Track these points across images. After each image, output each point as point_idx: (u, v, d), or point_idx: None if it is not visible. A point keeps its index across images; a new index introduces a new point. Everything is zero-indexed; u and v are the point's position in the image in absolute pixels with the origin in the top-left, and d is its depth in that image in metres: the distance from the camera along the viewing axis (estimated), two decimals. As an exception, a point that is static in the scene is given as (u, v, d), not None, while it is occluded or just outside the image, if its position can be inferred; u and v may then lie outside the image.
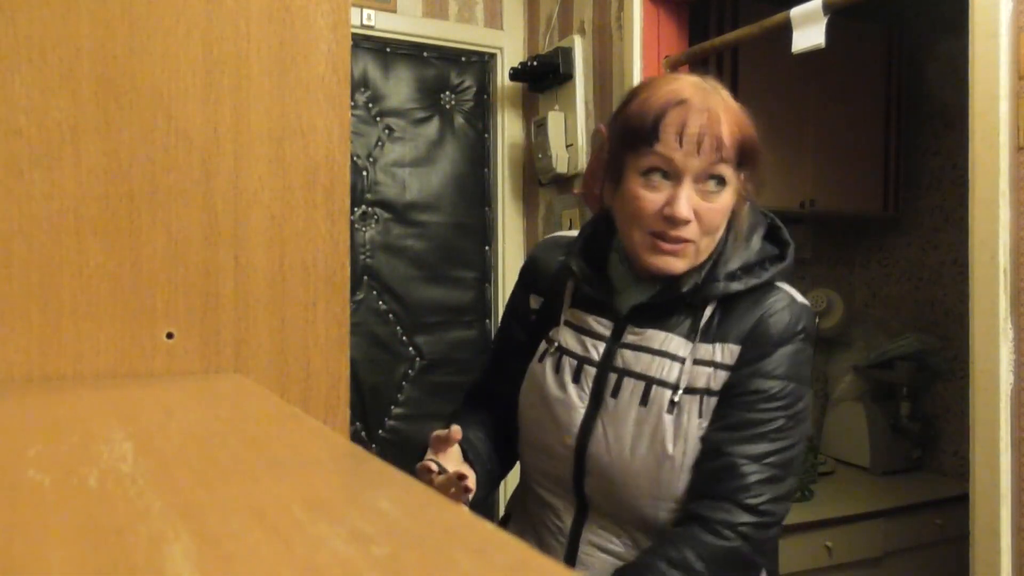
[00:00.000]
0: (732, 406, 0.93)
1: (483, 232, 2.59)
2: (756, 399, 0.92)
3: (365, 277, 2.42)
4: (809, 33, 1.59)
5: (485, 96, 2.60)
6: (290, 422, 0.46)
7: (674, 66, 2.07)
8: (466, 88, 2.57)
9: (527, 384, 1.05)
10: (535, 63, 2.38)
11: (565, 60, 2.31)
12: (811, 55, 1.66)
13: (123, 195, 0.61)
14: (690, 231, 0.91)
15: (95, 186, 0.60)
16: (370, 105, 2.43)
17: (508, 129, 2.59)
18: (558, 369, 1.01)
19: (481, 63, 2.60)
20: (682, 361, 0.95)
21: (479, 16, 2.57)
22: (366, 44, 2.41)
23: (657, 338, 0.97)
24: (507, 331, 1.15)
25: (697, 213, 0.91)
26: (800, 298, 0.99)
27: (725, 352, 0.95)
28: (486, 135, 2.60)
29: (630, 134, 0.93)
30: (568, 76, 2.32)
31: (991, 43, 1.28)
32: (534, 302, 1.11)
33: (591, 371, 0.99)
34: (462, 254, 2.55)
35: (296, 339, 0.67)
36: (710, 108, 0.91)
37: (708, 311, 0.96)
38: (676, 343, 0.96)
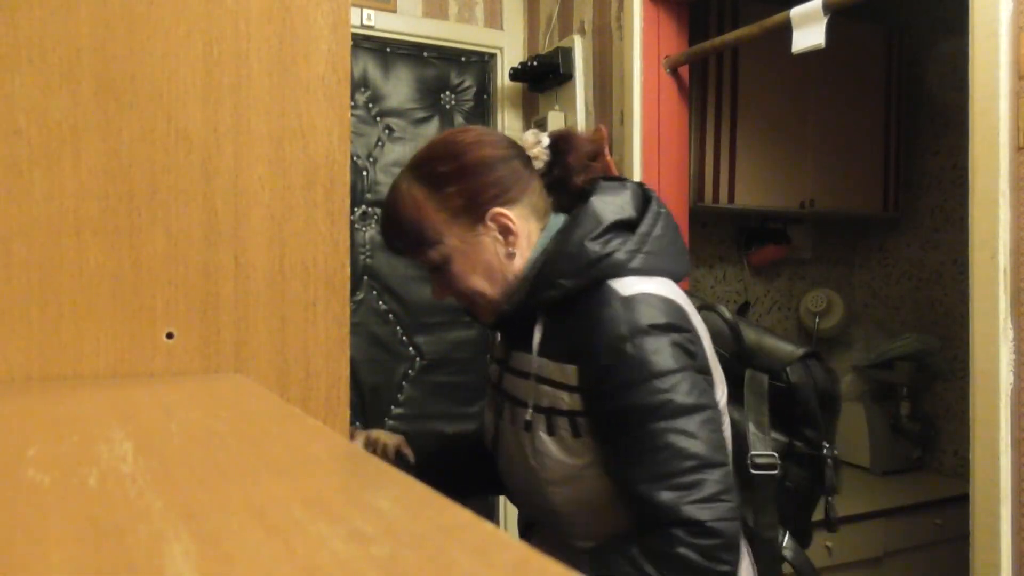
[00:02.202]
0: (610, 434, 0.89)
1: (483, 232, 2.59)
2: (623, 420, 0.87)
3: (365, 277, 2.42)
4: (809, 33, 1.59)
5: (485, 96, 2.60)
6: (290, 422, 0.46)
7: (674, 66, 2.07)
8: (466, 88, 2.57)
9: None
10: (535, 63, 2.38)
11: (565, 60, 2.31)
12: (811, 55, 1.66)
13: (123, 195, 0.61)
14: (459, 301, 1.02)
15: (95, 186, 0.60)
16: (370, 105, 2.43)
17: (508, 129, 2.59)
18: (486, 395, 1.12)
19: (481, 63, 2.60)
20: (528, 378, 0.97)
21: (479, 16, 2.57)
22: (366, 44, 2.41)
23: (516, 358, 1.01)
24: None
25: (448, 285, 1.00)
26: (630, 290, 0.88)
27: (558, 371, 0.92)
28: (486, 135, 2.60)
29: None
30: (568, 76, 2.32)
31: (991, 43, 1.28)
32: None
33: (493, 394, 1.08)
34: (462, 254, 2.55)
35: (296, 339, 0.67)
36: (385, 217, 1.01)
37: (538, 326, 0.95)
38: (526, 362, 0.97)
